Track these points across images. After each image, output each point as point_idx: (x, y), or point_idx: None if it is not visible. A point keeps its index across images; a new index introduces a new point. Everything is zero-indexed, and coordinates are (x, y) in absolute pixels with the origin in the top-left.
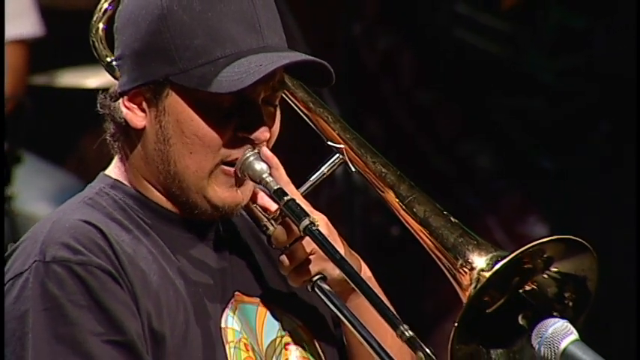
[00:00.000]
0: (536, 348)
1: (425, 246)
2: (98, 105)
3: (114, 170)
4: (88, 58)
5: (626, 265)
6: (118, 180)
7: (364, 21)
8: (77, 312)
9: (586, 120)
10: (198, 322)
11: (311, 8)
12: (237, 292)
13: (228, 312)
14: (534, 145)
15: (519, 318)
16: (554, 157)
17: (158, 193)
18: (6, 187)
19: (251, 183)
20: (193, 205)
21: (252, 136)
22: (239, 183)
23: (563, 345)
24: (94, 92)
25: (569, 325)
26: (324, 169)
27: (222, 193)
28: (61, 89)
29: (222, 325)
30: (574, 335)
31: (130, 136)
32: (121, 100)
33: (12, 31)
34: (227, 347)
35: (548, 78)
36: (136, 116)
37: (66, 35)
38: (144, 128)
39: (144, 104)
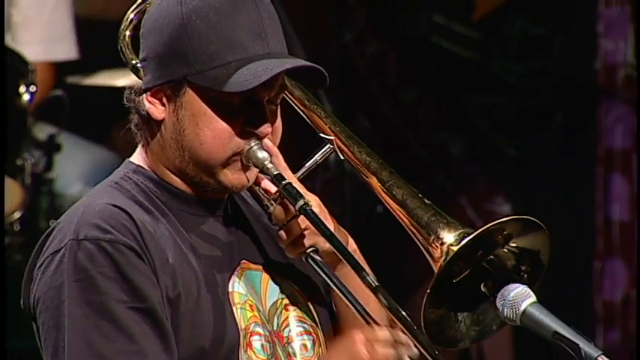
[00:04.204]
0: (500, 309)
1: (402, 224)
2: (125, 99)
3: (137, 157)
4: (117, 62)
5: (579, 238)
6: (139, 165)
7: (355, 29)
8: (105, 282)
9: (544, 114)
10: (208, 289)
11: (307, 18)
12: (243, 261)
13: (234, 278)
14: (500, 136)
15: (482, 286)
16: (517, 145)
17: (174, 176)
18: (47, 172)
19: (255, 168)
20: (206, 184)
21: (257, 131)
22: (245, 168)
23: (523, 306)
24: (121, 90)
25: (529, 290)
26: (316, 157)
27: (231, 175)
28: (94, 87)
29: (230, 289)
30: (532, 298)
31: (151, 126)
32: (144, 96)
33: (51, 54)
34: (234, 308)
35: (512, 78)
36: (157, 109)
37: (99, 42)
38: (163, 120)
39: (164, 99)
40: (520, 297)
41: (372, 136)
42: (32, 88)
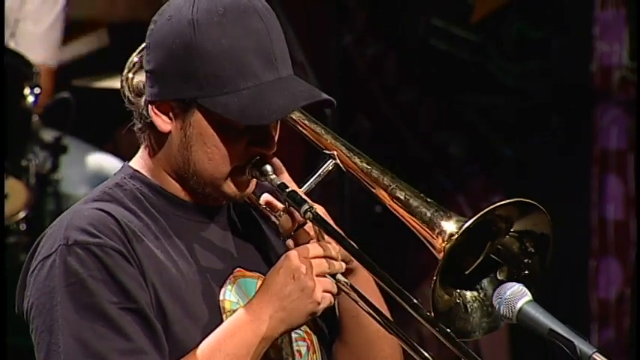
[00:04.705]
0: (497, 307)
1: (407, 224)
2: (126, 101)
3: (137, 161)
4: (120, 65)
5: (574, 237)
6: (137, 170)
7: (354, 31)
8: (96, 285)
9: (540, 115)
10: (198, 296)
11: (307, 20)
12: (237, 269)
13: (227, 286)
14: (498, 136)
15: (497, 274)
16: (514, 146)
17: (175, 183)
18: (53, 173)
19: (259, 181)
20: (208, 195)
21: (262, 151)
22: (248, 180)
23: (519, 305)
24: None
25: (525, 288)
26: (320, 172)
27: (233, 187)
28: (100, 89)
29: (221, 297)
30: (528, 296)
31: (155, 132)
32: (150, 107)
33: (49, 59)
34: (224, 316)
35: (509, 80)
36: (163, 122)
37: (104, 45)
38: (170, 132)
39: (171, 114)
40: (516, 295)
41: (372, 137)
42: (36, 90)
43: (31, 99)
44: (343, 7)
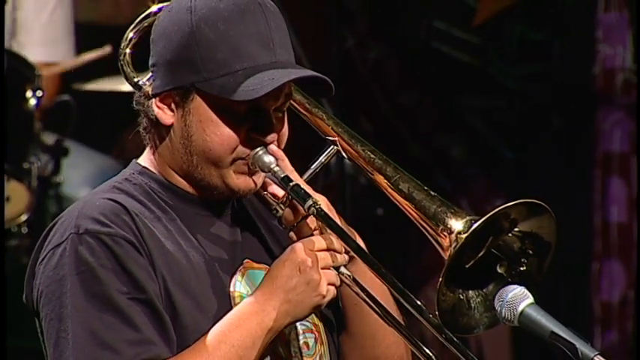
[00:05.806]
0: (498, 310)
1: (410, 217)
2: (134, 103)
3: (145, 158)
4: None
5: (577, 240)
6: (145, 167)
7: (357, 34)
8: (106, 274)
9: (541, 118)
10: (208, 287)
11: (310, 24)
12: (246, 260)
13: (236, 277)
14: (498, 138)
15: (498, 267)
16: (515, 148)
17: (181, 179)
18: (54, 176)
19: (262, 172)
20: (213, 188)
21: (263, 138)
22: (251, 173)
23: (521, 307)
24: (129, 95)
25: (526, 291)
26: (321, 158)
27: (237, 179)
28: (102, 93)
29: (231, 289)
30: (530, 299)
31: (159, 130)
32: (153, 100)
33: (50, 56)
34: (234, 307)
35: (510, 82)
36: (165, 115)
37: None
38: (172, 125)
39: (172, 105)
40: (518, 298)
41: (374, 139)
42: (39, 93)
43: (33, 102)
44: (345, 10)
